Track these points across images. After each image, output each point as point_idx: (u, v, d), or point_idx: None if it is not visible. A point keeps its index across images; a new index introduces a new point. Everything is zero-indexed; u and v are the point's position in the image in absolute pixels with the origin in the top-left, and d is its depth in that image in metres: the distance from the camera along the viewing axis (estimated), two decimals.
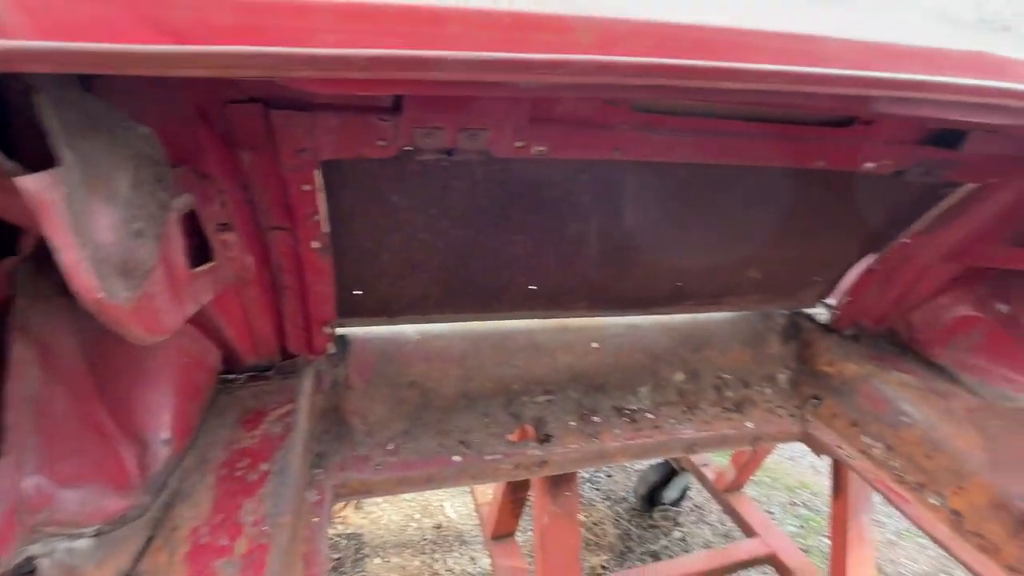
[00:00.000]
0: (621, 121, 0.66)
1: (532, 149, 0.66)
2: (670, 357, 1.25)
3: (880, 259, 1.14)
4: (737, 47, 0.37)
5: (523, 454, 1.04)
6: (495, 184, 0.79)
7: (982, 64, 0.42)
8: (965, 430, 1.04)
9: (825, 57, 0.38)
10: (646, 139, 0.69)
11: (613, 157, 0.70)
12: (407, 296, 0.97)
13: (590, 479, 2.54)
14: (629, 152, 0.69)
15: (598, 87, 0.39)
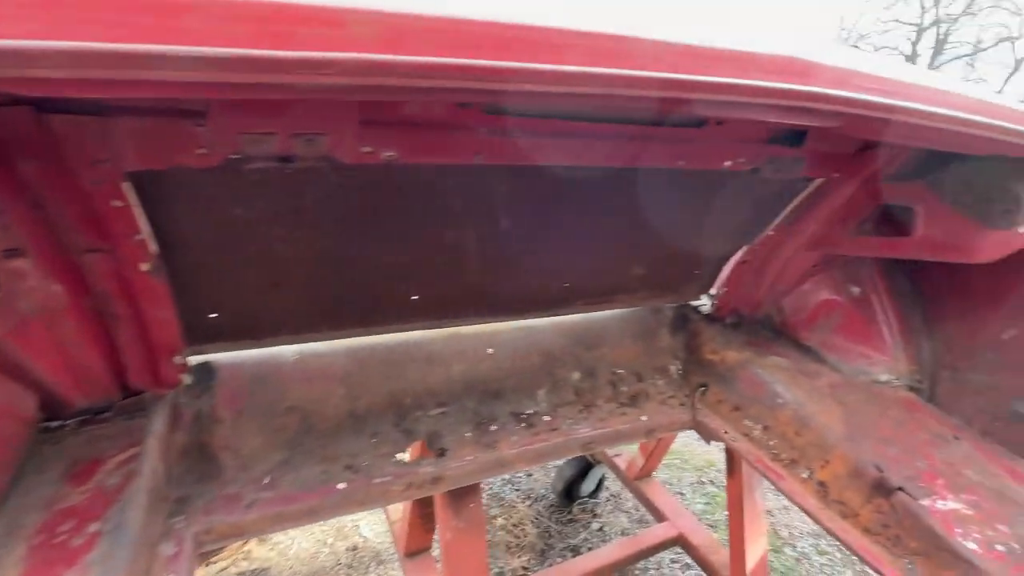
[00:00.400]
0: (477, 124, 0.63)
1: (381, 155, 0.61)
2: (566, 357, 1.26)
3: (750, 251, 1.21)
4: (539, 46, 0.35)
5: (415, 473, 0.99)
6: (355, 191, 0.74)
7: (790, 68, 0.43)
8: (828, 406, 1.13)
9: (634, 58, 0.37)
10: (507, 143, 0.67)
11: (475, 162, 0.67)
12: (273, 315, 0.88)
13: (510, 480, 2.53)
14: (491, 157, 0.67)
15: (401, 89, 0.35)
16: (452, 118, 0.60)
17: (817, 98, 0.44)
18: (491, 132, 0.64)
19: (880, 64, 0.50)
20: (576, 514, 2.36)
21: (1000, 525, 0.89)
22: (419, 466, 1.00)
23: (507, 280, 1.03)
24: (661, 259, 1.16)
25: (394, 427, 1.07)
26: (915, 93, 0.49)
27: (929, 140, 0.64)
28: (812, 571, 2.20)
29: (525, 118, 0.65)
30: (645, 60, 0.37)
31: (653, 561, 2.16)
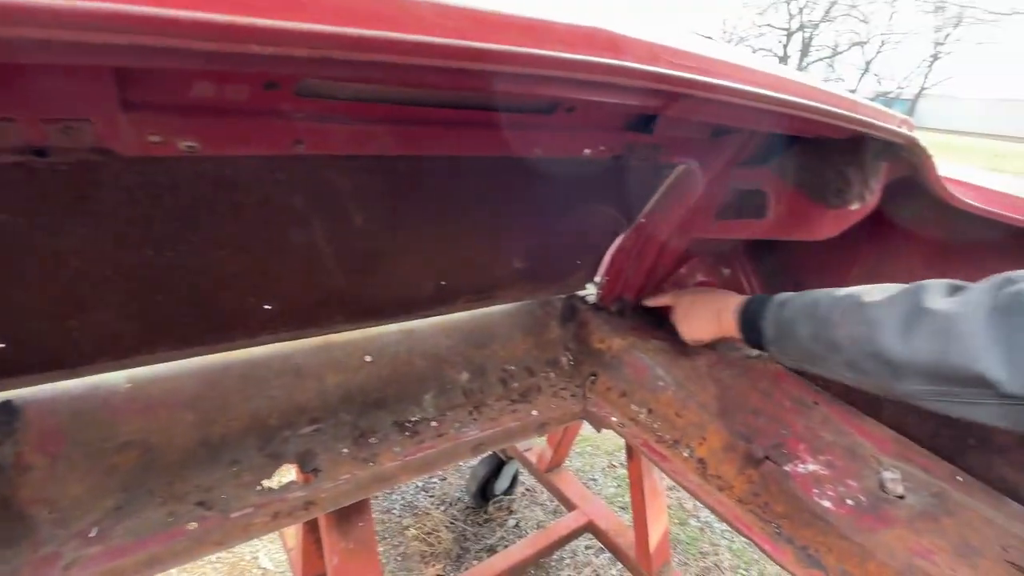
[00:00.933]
0: (291, 109, 0.56)
1: (178, 145, 0.52)
2: (454, 357, 1.21)
3: (627, 238, 1.23)
4: (305, 7, 0.29)
5: (282, 500, 0.90)
6: (169, 189, 0.64)
7: (595, 40, 0.41)
8: (705, 385, 1.17)
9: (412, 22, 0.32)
10: (332, 130, 0.60)
11: (296, 152, 0.60)
12: (88, 340, 0.75)
13: (424, 487, 2.46)
14: (315, 145, 0.60)
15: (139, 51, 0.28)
16: (259, 101, 0.53)
17: (623, 72, 0.42)
18: (310, 117, 0.57)
19: (695, 42, 0.50)
20: (492, 513, 2.33)
21: (851, 480, 0.97)
22: (287, 492, 0.91)
23: (373, 282, 0.96)
24: (540, 250, 1.15)
25: (258, 452, 0.96)
26: (727, 71, 0.49)
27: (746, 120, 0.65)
28: (714, 538, 2.33)
29: (348, 102, 0.59)
30: (425, 25, 0.33)
31: (568, 550, 2.18)
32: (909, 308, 0.66)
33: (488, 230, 1.01)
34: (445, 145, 0.70)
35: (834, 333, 0.75)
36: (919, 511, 0.91)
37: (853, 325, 0.72)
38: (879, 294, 0.73)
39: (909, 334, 0.64)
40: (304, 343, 1.06)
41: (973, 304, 0.59)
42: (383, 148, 0.65)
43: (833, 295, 0.80)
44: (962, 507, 0.93)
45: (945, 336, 0.60)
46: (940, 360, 0.61)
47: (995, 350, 0.56)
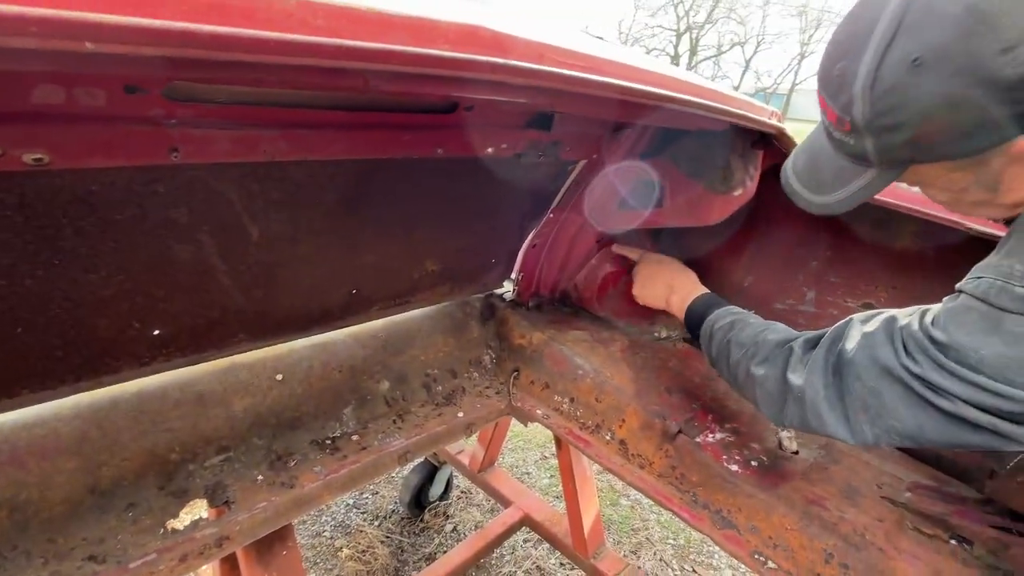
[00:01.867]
0: (162, 114, 0.51)
1: (23, 158, 0.46)
2: (372, 367, 1.17)
3: (538, 234, 1.25)
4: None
5: (190, 539, 0.83)
6: (14, 209, 0.56)
7: (478, 39, 0.41)
8: (621, 369, 1.22)
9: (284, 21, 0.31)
10: (212, 136, 0.56)
11: (172, 161, 0.55)
12: None
13: (355, 504, 2.37)
14: (193, 153, 0.56)
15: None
16: (120, 107, 0.48)
17: (505, 71, 0.43)
18: (184, 124, 0.53)
19: (583, 41, 0.51)
20: (428, 521, 2.29)
21: (754, 444, 1.05)
22: (195, 531, 0.84)
23: (277, 296, 0.91)
24: (454, 251, 1.14)
25: (159, 491, 0.88)
26: (612, 70, 0.52)
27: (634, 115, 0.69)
28: (644, 514, 2.45)
29: (228, 106, 0.55)
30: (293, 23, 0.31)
31: (507, 546, 2.20)
32: (777, 379, 0.78)
33: (398, 233, 0.99)
34: (340, 148, 0.67)
35: (742, 389, 0.88)
36: (811, 463, 1.02)
37: (750, 390, 0.84)
38: (764, 357, 0.82)
39: (783, 409, 0.77)
40: (206, 368, 0.98)
41: (815, 374, 0.71)
42: (272, 154, 0.61)
43: (739, 347, 0.88)
44: (845, 455, 1.05)
45: (800, 406, 0.73)
46: (803, 424, 0.74)
47: (834, 415, 0.69)
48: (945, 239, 0.93)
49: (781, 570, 0.87)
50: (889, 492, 0.95)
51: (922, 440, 0.64)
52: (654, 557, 2.23)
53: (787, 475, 0.98)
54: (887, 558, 0.82)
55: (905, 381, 0.62)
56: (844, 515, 0.89)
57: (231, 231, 0.75)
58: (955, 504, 0.91)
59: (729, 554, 0.93)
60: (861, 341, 0.68)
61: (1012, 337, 0.55)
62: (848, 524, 0.87)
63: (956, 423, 0.60)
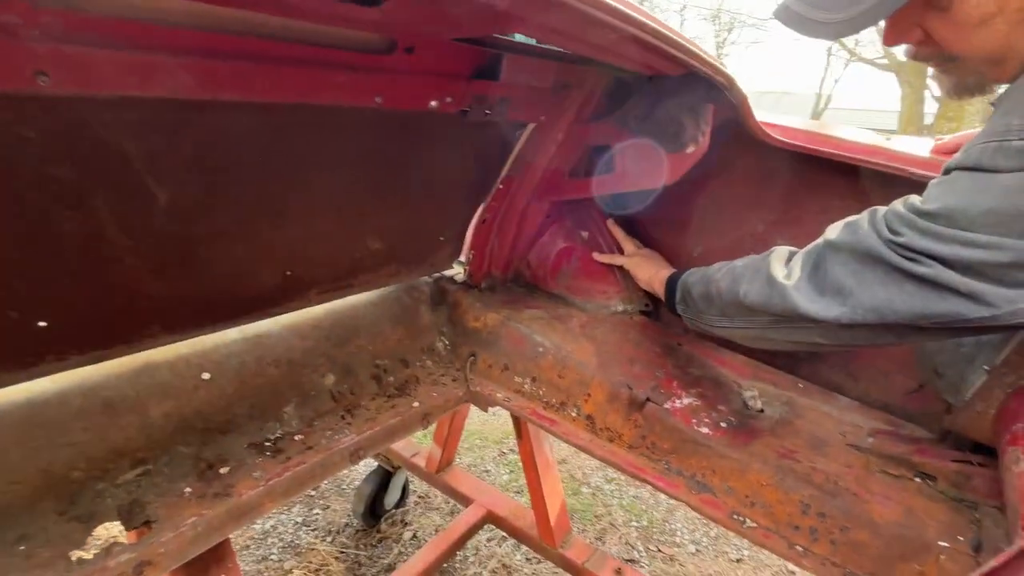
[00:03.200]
0: (21, 22, 0.40)
1: None
2: (314, 360, 1.06)
3: (487, 208, 1.19)
4: None
5: (103, 569, 0.70)
6: None
7: None
8: (582, 344, 1.18)
9: None
10: (90, 57, 0.45)
11: (38, 89, 0.44)
12: None
13: (304, 522, 2.20)
14: (67, 80, 0.45)
15: None
16: None
17: None
18: (54, 38, 0.42)
19: None
20: (385, 531, 2.17)
21: (720, 406, 1.04)
22: (107, 559, 0.71)
23: (195, 278, 0.79)
24: (397, 228, 1.05)
25: (59, 516, 0.74)
26: None
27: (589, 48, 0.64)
28: (606, 499, 2.44)
29: (111, 18, 0.45)
30: None
31: (471, 547, 2.11)
32: (761, 271, 0.81)
33: (336, 205, 0.89)
34: (260, 88, 0.58)
35: (712, 288, 0.90)
36: (777, 419, 1.01)
37: (725, 281, 0.88)
38: (744, 260, 0.89)
39: (762, 290, 0.79)
40: (115, 369, 0.84)
41: (795, 276, 0.76)
42: (173, 88, 0.51)
43: (723, 265, 0.93)
44: (807, 409, 1.06)
45: (781, 296, 0.76)
46: (780, 307, 0.77)
47: (807, 297, 0.73)
48: (893, 189, 0.95)
49: (760, 527, 0.85)
50: (853, 439, 0.96)
51: (886, 313, 0.64)
52: (619, 541, 2.21)
53: (756, 433, 0.97)
54: (861, 501, 0.81)
55: (884, 258, 0.63)
56: (815, 465, 0.89)
57: (132, 196, 0.63)
58: (914, 444, 0.93)
59: (707, 519, 0.90)
60: (843, 228, 0.71)
61: (1004, 192, 0.55)
62: (820, 473, 0.87)
63: (929, 290, 0.60)
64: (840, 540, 0.80)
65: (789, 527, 0.84)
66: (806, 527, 0.83)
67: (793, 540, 0.82)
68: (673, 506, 2.43)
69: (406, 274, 1.19)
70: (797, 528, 0.83)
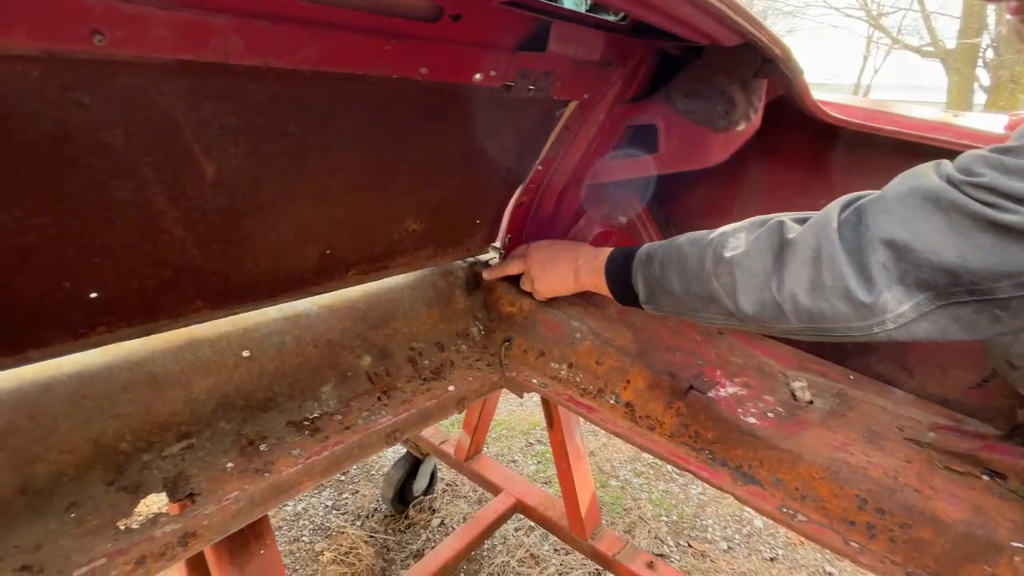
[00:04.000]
0: None
1: None
2: (351, 341, 1.06)
3: (525, 191, 1.17)
4: None
5: (149, 540, 0.70)
6: None
7: None
8: (620, 330, 1.15)
9: None
10: (145, 16, 0.44)
11: (93, 48, 0.43)
12: None
13: (334, 506, 2.23)
14: (123, 41, 0.44)
15: None
16: None
17: None
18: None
19: None
20: (414, 517, 2.18)
21: (767, 396, 1.00)
22: (153, 529, 0.71)
23: (238, 254, 0.79)
24: (435, 208, 1.04)
25: (107, 487, 0.75)
26: None
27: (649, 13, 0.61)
28: (635, 493, 2.40)
29: None
30: None
31: (498, 536, 2.11)
32: (765, 248, 0.68)
33: (376, 183, 0.88)
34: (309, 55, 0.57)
35: (709, 286, 0.75)
36: (828, 411, 0.97)
37: (725, 276, 0.72)
38: (741, 240, 0.72)
39: (781, 275, 0.65)
40: (159, 345, 0.85)
41: (827, 228, 0.62)
42: (226, 52, 0.50)
43: (697, 244, 0.78)
44: (860, 401, 1.01)
45: (809, 267, 0.62)
46: (808, 289, 0.62)
47: (851, 266, 0.59)
48: None
49: (812, 522, 0.81)
50: (912, 434, 0.91)
51: (960, 272, 0.53)
52: (649, 535, 2.18)
53: (806, 424, 0.92)
54: (924, 498, 0.77)
55: (954, 201, 0.53)
56: (871, 459, 0.84)
57: (181, 165, 0.63)
58: (980, 440, 0.87)
59: (755, 511, 0.87)
60: (895, 181, 0.60)
61: None
62: (877, 468, 0.82)
63: (1014, 242, 0.50)
64: (900, 537, 0.76)
65: (844, 522, 0.79)
66: (863, 523, 0.79)
67: (848, 536, 0.78)
68: (704, 501, 2.38)
69: (442, 257, 1.18)
70: (853, 524, 0.79)
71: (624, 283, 0.92)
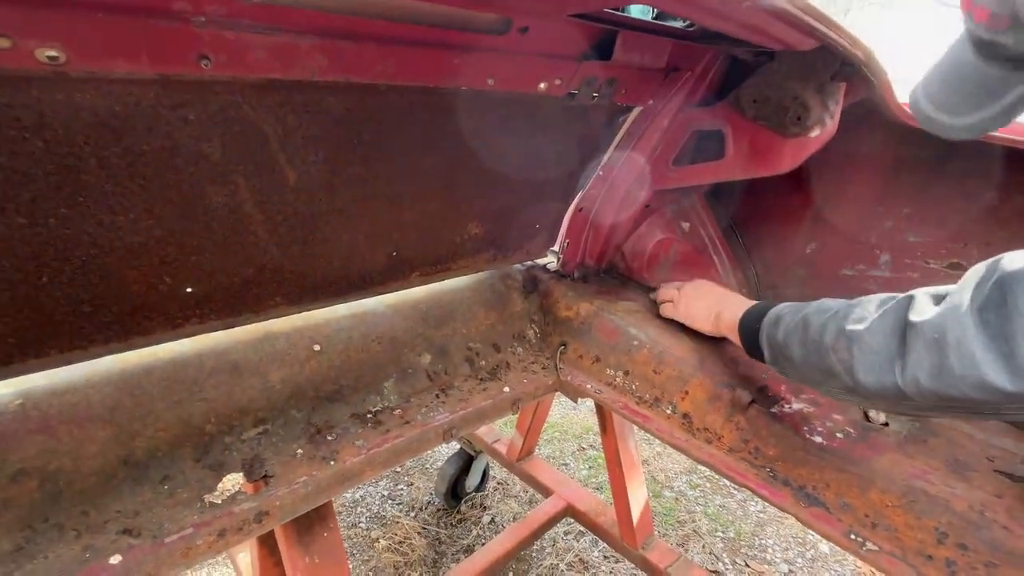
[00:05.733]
0: (190, 8, 0.45)
1: (37, 53, 0.40)
2: (412, 339, 1.10)
3: (585, 196, 1.17)
4: None
5: (229, 514, 0.77)
6: (31, 130, 0.50)
7: None
8: (679, 339, 1.13)
9: None
10: (245, 41, 0.49)
11: (200, 72, 0.48)
12: None
13: (390, 496, 2.32)
14: (226, 64, 0.49)
15: None
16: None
17: None
18: (216, 23, 0.46)
19: None
20: (465, 512, 2.23)
21: (836, 415, 0.95)
22: (233, 505, 0.78)
23: (314, 255, 0.84)
24: (496, 213, 1.06)
25: (195, 463, 0.82)
26: None
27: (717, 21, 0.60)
28: (689, 506, 2.34)
29: (265, 4, 0.48)
30: None
31: (548, 538, 2.11)
32: (889, 329, 0.63)
33: (442, 188, 0.92)
34: (386, 70, 0.60)
35: (827, 360, 0.70)
36: (905, 435, 0.90)
37: (844, 351, 0.68)
38: (868, 313, 0.67)
39: (904, 358, 0.61)
40: (241, 335, 0.92)
41: (959, 309, 0.55)
42: (313, 70, 0.54)
43: (823, 314, 0.73)
44: (943, 427, 0.93)
45: (935, 349, 0.56)
46: (933, 373, 0.57)
47: (989, 352, 0.53)
48: None
49: (883, 552, 0.77)
50: (1003, 466, 0.83)
51: None
52: (703, 550, 2.11)
53: (880, 447, 0.87)
54: (1015, 537, 0.70)
55: None
56: (954, 490, 0.78)
57: (267, 173, 0.68)
58: None
59: (819, 535, 0.83)
60: None
61: None
62: (961, 500, 0.76)
63: None
64: None
65: (920, 556, 0.74)
66: (941, 558, 0.73)
67: (924, 571, 0.73)
68: (764, 520, 2.28)
69: (502, 260, 1.21)
70: (930, 558, 0.74)
71: (753, 341, 0.88)
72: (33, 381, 0.75)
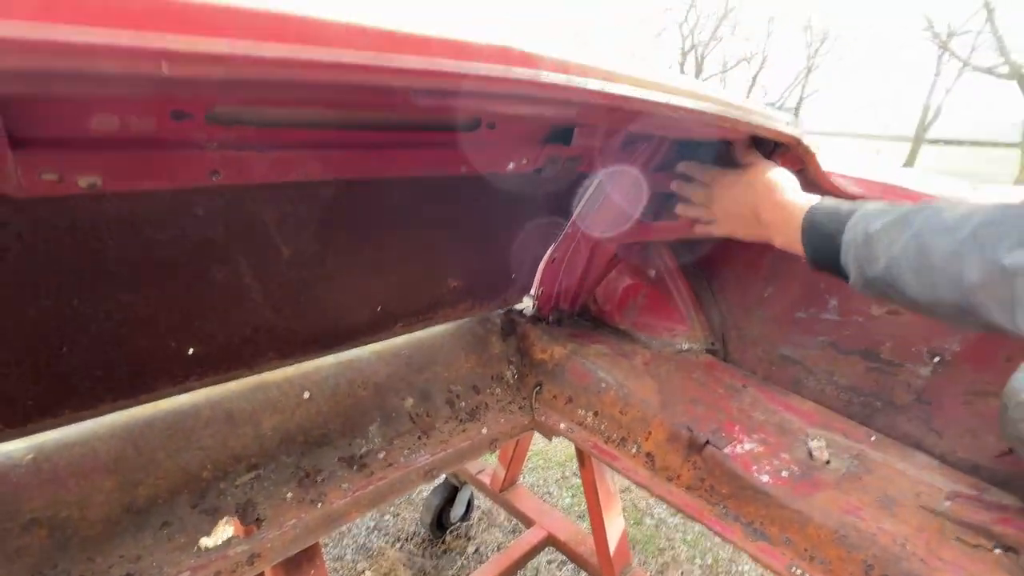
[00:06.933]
0: (205, 138, 0.54)
1: (79, 181, 0.49)
2: (396, 384, 1.18)
3: (557, 248, 1.27)
4: (207, 21, 0.29)
5: (223, 557, 0.83)
6: (64, 231, 0.59)
7: (509, 57, 0.43)
8: (645, 381, 1.22)
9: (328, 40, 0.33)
10: (250, 158, 0.58)
11: (212, 183, 0.57)
12: None
13: (376, 527, 2.35)
14: (233, 175, 0.58)
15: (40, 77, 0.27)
16: (167, 132, 0.51)
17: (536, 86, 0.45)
18: (225, 146, 0.55)
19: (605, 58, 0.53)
20: (450, 543, 2.27)
21: (783, 454, 1.04)
22: (227, 548, 0.85)
23: (305, 314, 0.93)
24: (473, 268, 1.16)
25: (192, 509, 0.89)
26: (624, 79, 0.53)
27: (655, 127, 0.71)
28: (669, 532, 2.40)
29: (265, 128, 0.58)
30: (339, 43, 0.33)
31: (531, 568, 2.16)
32: None
33: (421, 250, 1.01)
34: (370, 167, 0.70)
35: (971, 299, 0.58)
36: (844, 473, 1.00)
37: (1002, 288, 0.54)
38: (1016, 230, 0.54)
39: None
40: (236, 386, 1.00)
41: None
42: (306, 174, 0.64)
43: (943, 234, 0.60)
44: (878, 464, 1.03)
45: None
46: None
47: None
48: None
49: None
50: (928, 501, 0.93)
51: None
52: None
53: (820, 485, 0.96)
54: (930, 569, 0.79)
55: None
56: (882, 525, 0.87)
57: (264, 251, 0.77)
58: (998, 512, 0.88)
59: (764, 567, 0.91)
60: None
61: None
62: (887, 535, 0.85)
63: None
64: None
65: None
66: None
67: None
68: None
69: (480, 308, 1.30)
70: None
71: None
72: (44, 435, 0.82)
